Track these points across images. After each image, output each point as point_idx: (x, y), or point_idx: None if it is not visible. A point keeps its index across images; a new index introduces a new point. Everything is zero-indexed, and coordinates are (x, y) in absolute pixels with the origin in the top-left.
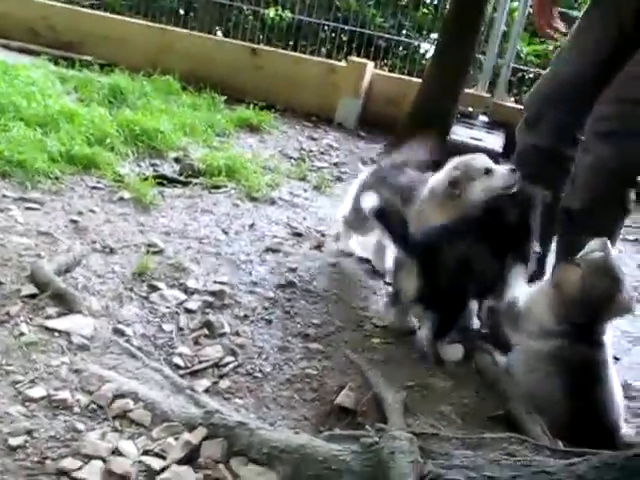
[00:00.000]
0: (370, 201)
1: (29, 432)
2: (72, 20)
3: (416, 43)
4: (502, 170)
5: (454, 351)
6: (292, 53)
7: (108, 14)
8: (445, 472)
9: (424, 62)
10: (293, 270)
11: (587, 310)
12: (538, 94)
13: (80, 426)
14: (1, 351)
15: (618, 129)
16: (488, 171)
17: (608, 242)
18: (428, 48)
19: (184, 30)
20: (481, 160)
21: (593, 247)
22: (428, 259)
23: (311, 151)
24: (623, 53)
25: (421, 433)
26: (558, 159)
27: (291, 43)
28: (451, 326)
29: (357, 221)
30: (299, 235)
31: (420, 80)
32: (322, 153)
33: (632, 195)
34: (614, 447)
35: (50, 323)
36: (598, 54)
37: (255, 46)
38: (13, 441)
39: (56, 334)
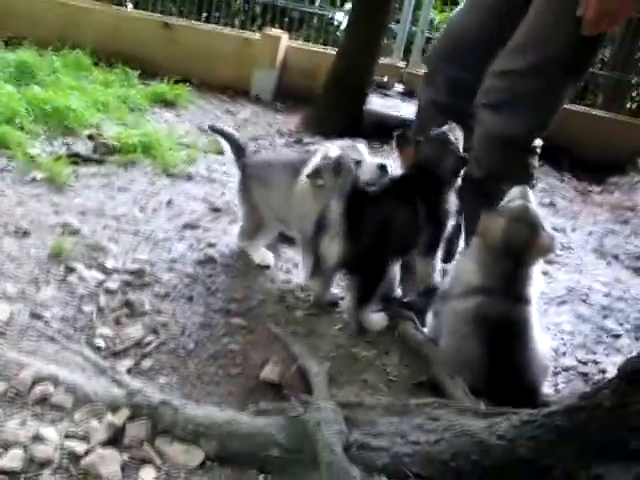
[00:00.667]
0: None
1: None
2: None
3: (330, 14)
4: (371, 164)
5: (378, 320)
6: (206, 26)
7: None
8: (371, 440)
9: (338, 33)
10: (212, 245)
11: (510, 256)
12: (435, 49)
13: None
14: None
15: (508, 99)
16: (357, 163)
17: (528, 189)
18: (342, 19)
19: (93, 2)
20: (353, 151)
21: (514, 195)
22: (353, 219)
23: (228, 125)
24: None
25: (346, 403)
26: (457, 115)
27: (204, 15)
28: (373, 291)
29: (254, 227)
30: (217, 210)
31: (335, 51)
32: (239, 127)
33: (534, 161)
34: (535, 406)
35: None
36: (502, 5)
37: (168, 19)
38: None
39: None
